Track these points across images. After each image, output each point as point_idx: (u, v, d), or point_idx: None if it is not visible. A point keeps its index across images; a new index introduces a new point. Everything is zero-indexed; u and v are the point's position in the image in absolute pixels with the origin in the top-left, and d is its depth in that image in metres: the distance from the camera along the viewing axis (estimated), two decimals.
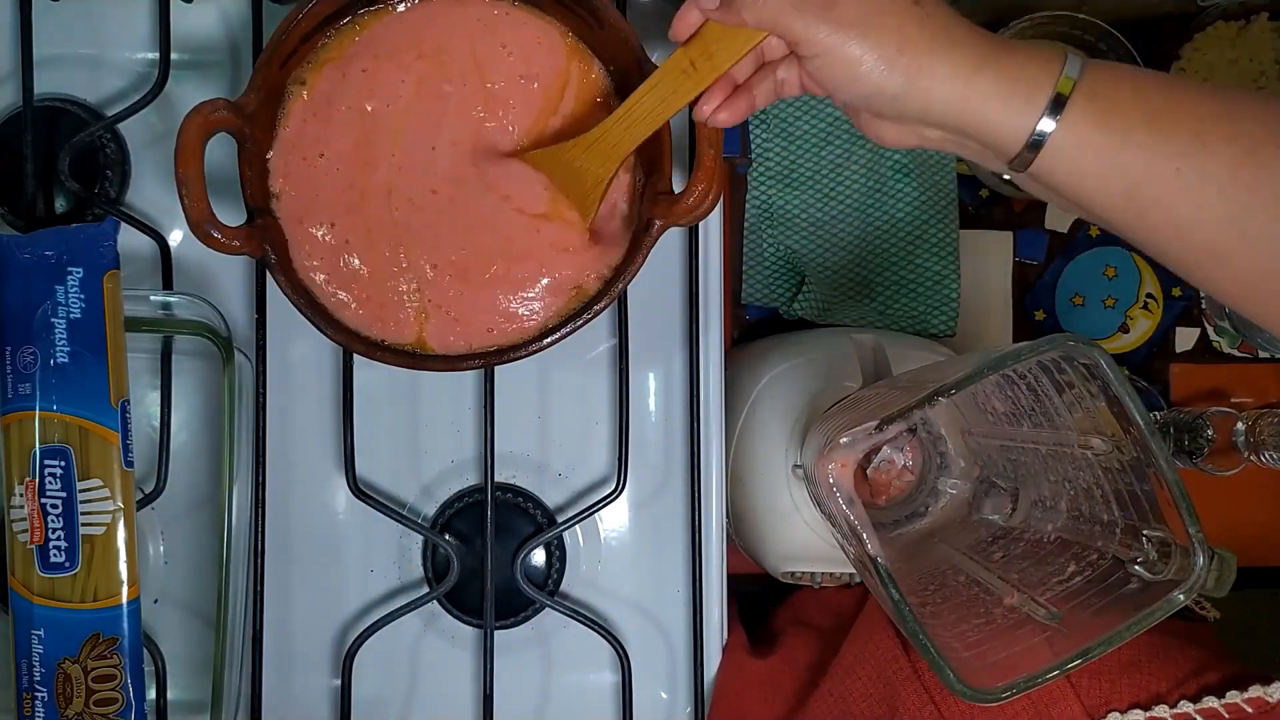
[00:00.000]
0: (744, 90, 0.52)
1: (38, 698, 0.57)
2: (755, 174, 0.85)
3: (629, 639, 0.67)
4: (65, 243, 0.58)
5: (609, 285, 0.57)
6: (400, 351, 0.58)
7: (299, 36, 0.56)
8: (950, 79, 0.46)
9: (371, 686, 0.67)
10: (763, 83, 0.52)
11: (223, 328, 0.63)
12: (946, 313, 0.84)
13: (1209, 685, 0.54)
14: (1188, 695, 0.54)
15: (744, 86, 0.53)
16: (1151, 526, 0.49)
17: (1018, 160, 0.48)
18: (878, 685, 0.60)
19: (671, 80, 0.52)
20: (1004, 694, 0.47)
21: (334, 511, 0.68)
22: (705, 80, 0.51)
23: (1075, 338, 0.47)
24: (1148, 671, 0.55)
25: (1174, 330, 0.88)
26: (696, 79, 0.51)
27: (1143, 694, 0.54)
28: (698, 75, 0.51)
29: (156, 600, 0.66)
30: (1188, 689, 0.54)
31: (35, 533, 0.56)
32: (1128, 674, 0.55)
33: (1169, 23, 0.85)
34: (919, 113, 0.48)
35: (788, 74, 0.52)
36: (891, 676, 0.60)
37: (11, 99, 0.67)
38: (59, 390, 0.57)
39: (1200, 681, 0.54)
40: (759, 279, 0.86)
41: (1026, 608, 0.51)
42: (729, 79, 0.52)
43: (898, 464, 0.66)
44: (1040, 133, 0.46)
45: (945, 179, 0.85)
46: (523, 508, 0.67)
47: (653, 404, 0.69)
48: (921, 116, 0.48)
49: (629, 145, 0.54)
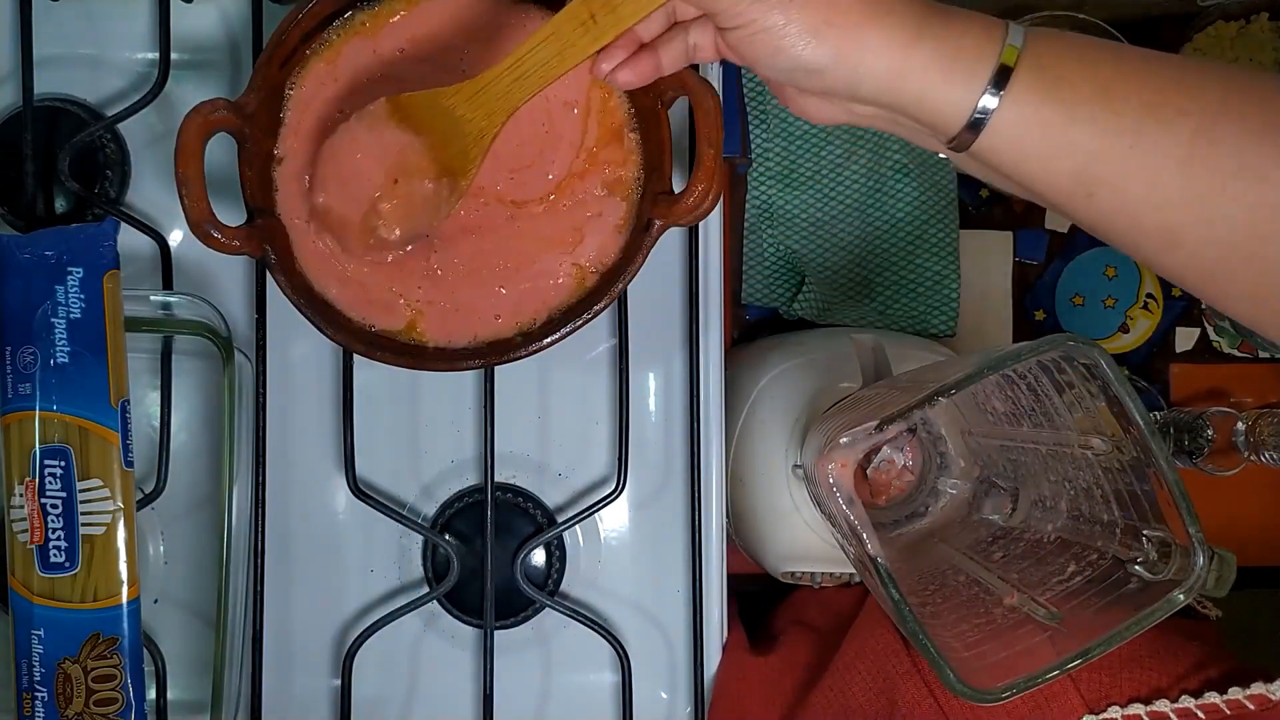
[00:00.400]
0: (649, 51, 0.49)
1: (38, 698, 0.57)
2: (755, 174, 0.85)
3: (629, 639, 0.67)
4: (65, 243, 0.58)
5: (609, 285, 0.57)
6: (401, 351, 0.58)
7: (299, 36, 0.56)
8: (883, 51, 0.43)
9: (371, 686, 0.67)
10: (671, 43, 0.49)
11: (223, 328, 0.63)
12: (946, 313, 0.84)
13: (1211, 680, 0.53)
14: (1189, 690, 0.53)
15: (649, 47, 0.49)
16: (1151, 526, 0.49)
17: (957, 140, 0.44)
18: (877, 680, 0.60)
19: (569, 32, 0.47)
20: (1004, 694, 0.47)
21: (334, 511, 0.68)
22: (605, 35, 0.47)
23: (1075, 338, 0.47)
24: (1149, 666, 0.54)
25: (1174, 330, 0.88)
26: (595, 33, 0.47)
27: (1144, 688, 0.54)
28: (597, 29, 0.47)
29: (156, 600, 0.66)
30: (1189, 684, 0.54)
31: (35, 533, 0.56)
32: (1129, 669, 0.54)
33: (1169, 23, 0.86)
34: (847, 89, 0.44)
35: (701, 38, 0.49)
36: (891, 671, 0.60)
37: (11, 99, 0.67)
38: (59, 390, 0.57)
39: (1202, 677, 0.54)
40: (759, 279, 0.86)
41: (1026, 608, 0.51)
42: (633, 36, 0.48)
43: (898, 464, 0.66)
44: (983, 109, 0.43)
45: (945, 179, 0.85)
46: (523, 508, 0.67)
47: (653, 404, 0.69)
48: (851, 93, 0.45)
49: (519, 98, 0.50)
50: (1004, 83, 0.42)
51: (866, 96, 0.45)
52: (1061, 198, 0.45)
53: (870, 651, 0.61)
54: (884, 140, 0.84)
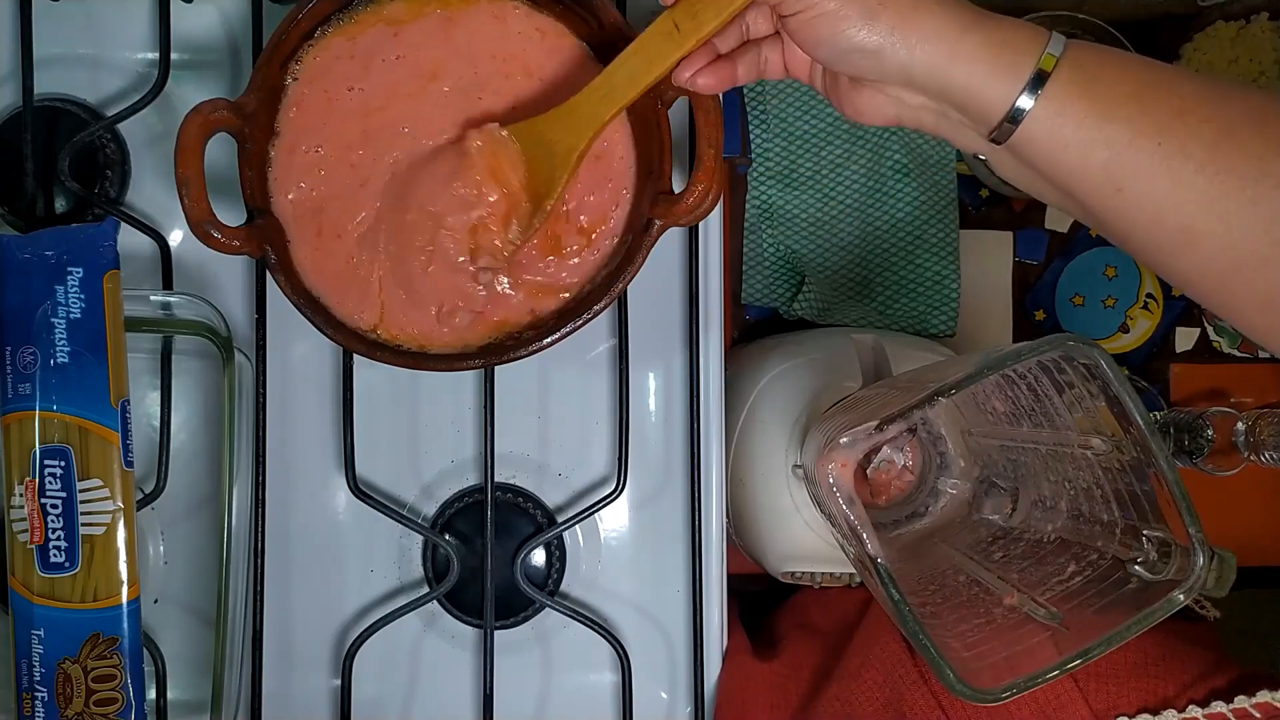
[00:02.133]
0: (727, 60, 0.52)
1: (38, 698, 0.57)
2: (755, 174, 0.85)
3: (629, 639, 0.67)
4: (65, 243, 0.58)
5: (609, 285, 0.57)
6: (401, 351, 0.58)
7: (299, 36, 0.56)
8: (935, 37, 0.46)
9: (371, 686, 0.67)
10: (745, 56, 0.52)
11: (223, 328, 0.63)
12: (946, 313, 0.84)
13: (1217, 689, 0.53)
14: (1196, 699, 0.53)
15: (727, 57, 0.52)
16: (1151, 526, 0.49)
17: (998, 130, 0.47)
18: (884, 690, 0.60)
19: (656, 43, 0.51)
20: (1004, 694, 0.47)
21: (334, 511, 0.68)
22: (688, 42, 0.50)
23: (1075, 338, 0.47)
24: (1155, 675, 0.54)
25: (1174, 330, 0.88)
26: (679, 41, 0.50)
27: (1151, 698, 0.54)
28: (681, 37, 0.50)
29: (156, 600, 0.66)
30: (1196, 693, 0.53)
31: (35, 533, 0.56)
32: (1135, 677, 0.54)
33: (1169, 23, 0.86)
34: (901, 71, 0.47)
35: (771, 53, 0.52)
36: (898, 681, 0.59)
37: (11, 99, 0.67)
38: (59, 390, 0.57)
39: (1208, 685, 0.54)
40: (759, 279, 0.86)
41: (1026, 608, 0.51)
42: (711, 48, 0.51)
43: (898, 464, 0.66)
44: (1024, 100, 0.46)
45: (945, 179, 0.85)
46: (523, 508, 0.67)
47: (653, 404, 0.69)
48: (904, 76, 0.47)
49: (608, 113, 0.53)
50: (1043, 80, 0.45)
51: (918, 80, 0.47)
52: (1091, 190, 0.47)
53: (876, 660, 0.61)
54: (884, 140, 0.84)
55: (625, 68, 0.52)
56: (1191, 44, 0.84)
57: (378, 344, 0.58)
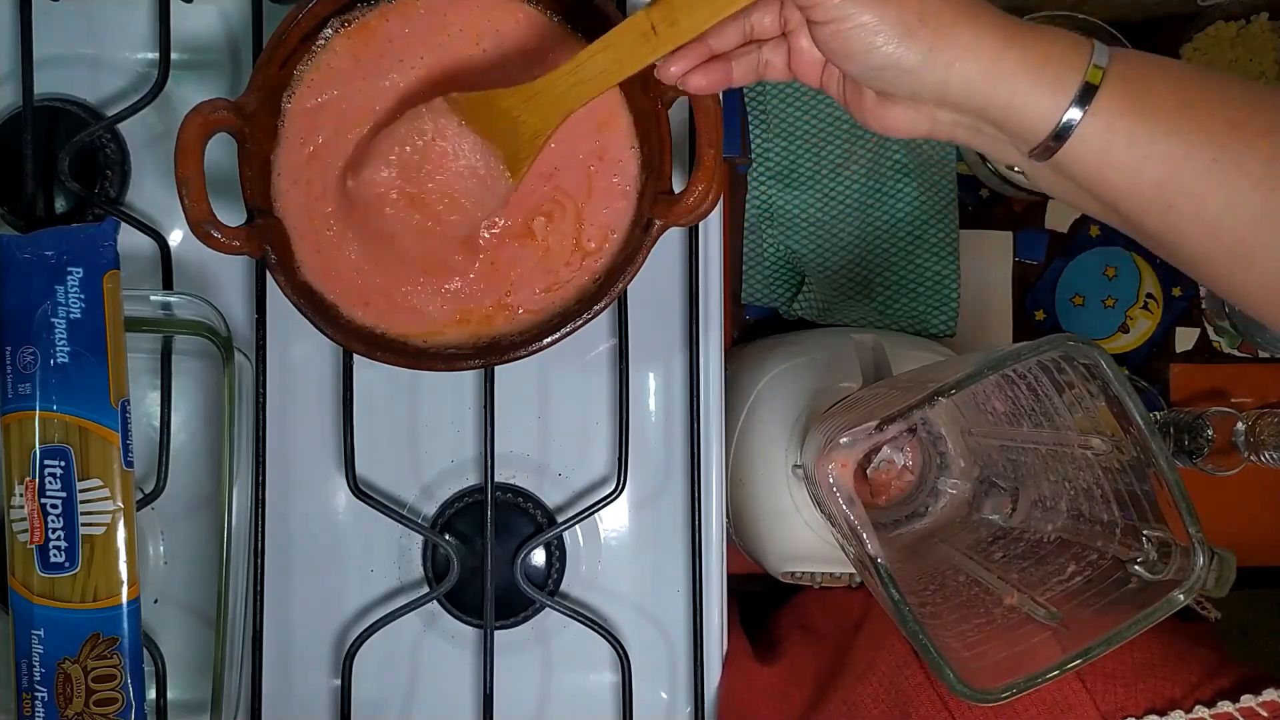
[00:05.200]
0: (722, 61, 0.50)
1: (38, 698, 0.57)
2: (755, 174, 0.85)
3: (629, 639, 0.67)
4: (65, 243, 0.58)
5: (609, 285, 0.57)
6: (401, 351, 0.58)
7: (299, 36, 0.56)
8: (975, 54, 0.43)
9: (371, 686, 0.67)
10: (744, 57, 0.50)
11: (223, 328, 0.62)
12: (946, 313, 0.84)
13: (1223, 689, 0.53)
14: (1202, 700, 0.53)
15: (723, 57, 0.50)
16: (1151, 526, 0.49)
17: (1041, 148, 0.45)
18: (889, 692, 0.60)
19: (628, 42, 0.49)
20: (1004, 694, 0.47)
21: (334, 511, 0.68)
22: (663, 47, 0.48)
23: (1075, 338, 0.47)
24: (1162, 675, 0.54)
25: (1174, 330, 0.88)
26: (654, 45, 0.48)
27: (1158, 699, 0.53)
28: (656, 40, 0.48)
29: (156, 600, 0.66)
30: (1202, 693, 0.53)
31: (35, 533, 0.56)
32: (1142, 678, 0.54)
33: (1169, 23, 0.85)
34: (937, 90, 0.44)
35: (774, 56, 0.49)
36: (903, 683, 0.59)
37: (11, 99, 0.67)
38: (59, 390, 0.57)
39: (1214, 685, 0.54)
40: (759, 279, 0.86)
41: (1026, 608, 0.51)
42: (705, 47, 0.49)
43: (898, 464, 0.66)
44: (1070, 118, 0.43)
45: (945, 179, 0.85)
46: (523, 508, 0.67)
47: (653, 404, 0.69)
48: (940, 95, 0.45)
49: (575, 103, 0.51)
50: (1090, 95, 0.43)
51: (954, 99, 0.45)
52: (1139, 208, 0.45)
53: (881, 664, 0.61)
54: (884, 140, 0.84)
55: (596, 62, 0.50)
56: (1191, 44, 0.84)
57: (378, 344, 0.58)
